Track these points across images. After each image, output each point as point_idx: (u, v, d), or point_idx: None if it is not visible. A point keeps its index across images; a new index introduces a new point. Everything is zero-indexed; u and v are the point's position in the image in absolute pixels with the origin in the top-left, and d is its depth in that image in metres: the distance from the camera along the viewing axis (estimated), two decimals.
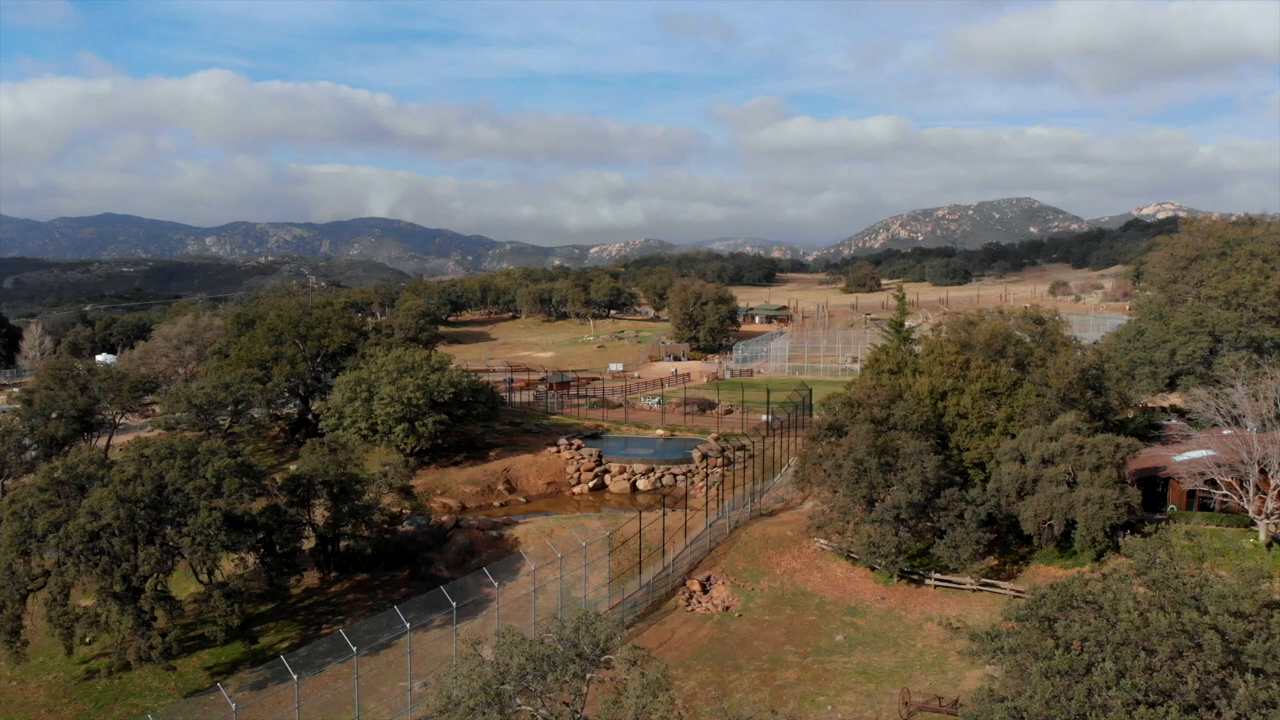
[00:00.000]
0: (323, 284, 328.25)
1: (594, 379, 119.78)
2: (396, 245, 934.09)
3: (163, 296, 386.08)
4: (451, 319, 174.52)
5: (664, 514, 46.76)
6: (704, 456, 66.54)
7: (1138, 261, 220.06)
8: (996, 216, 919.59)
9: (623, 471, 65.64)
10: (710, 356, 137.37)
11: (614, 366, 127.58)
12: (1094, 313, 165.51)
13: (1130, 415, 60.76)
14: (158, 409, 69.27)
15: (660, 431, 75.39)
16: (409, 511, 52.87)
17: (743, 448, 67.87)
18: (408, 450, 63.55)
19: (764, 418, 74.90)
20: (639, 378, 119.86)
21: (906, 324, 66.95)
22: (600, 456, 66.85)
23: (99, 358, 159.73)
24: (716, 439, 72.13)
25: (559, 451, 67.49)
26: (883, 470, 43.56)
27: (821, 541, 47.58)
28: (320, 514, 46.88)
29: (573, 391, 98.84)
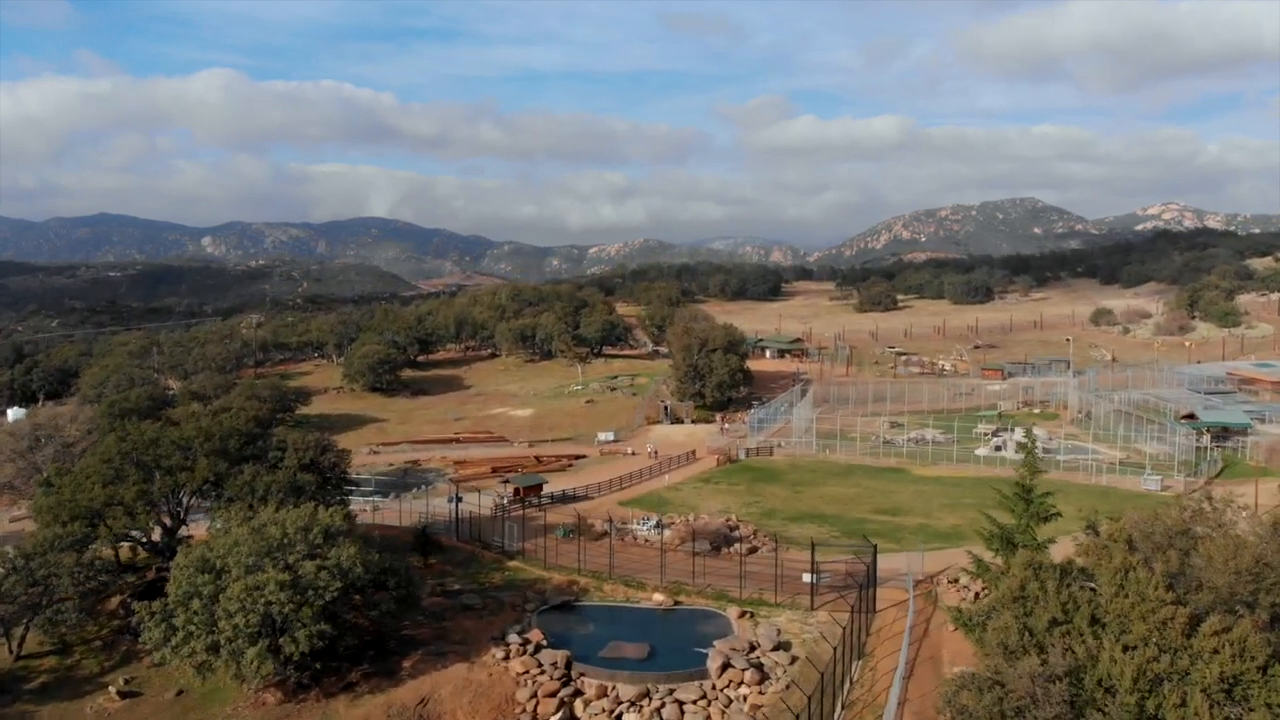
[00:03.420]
0: (299, 301, 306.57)
1: (578, 457, 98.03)
2: (394, 245, 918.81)
3: (137, 311, 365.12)
4: (421, 359, 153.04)
5: None
6: (725, 666, 44.79)
7: (1191, 289, 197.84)
8: (1000, 217, 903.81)
9: (602, 696, 43.76)
10: (719, 416, 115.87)
11: (603, 436, 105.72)
12: (1161, 359, 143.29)
13: None
14: None
15: (659, 596, 53.67)
16: None
17: (783, 646, 46.40)
18: (268, 673, 41.87)
19: (806, 577, 53.30)
20: (633, 454, 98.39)
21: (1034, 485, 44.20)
22: (569, 666, 45.06)
23: (10, 413, 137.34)
24: (741, 616, 50.60)
25: (507, 659, 45.58)
26: None
27: None
28: None
29: (545, 489, 77.36)
